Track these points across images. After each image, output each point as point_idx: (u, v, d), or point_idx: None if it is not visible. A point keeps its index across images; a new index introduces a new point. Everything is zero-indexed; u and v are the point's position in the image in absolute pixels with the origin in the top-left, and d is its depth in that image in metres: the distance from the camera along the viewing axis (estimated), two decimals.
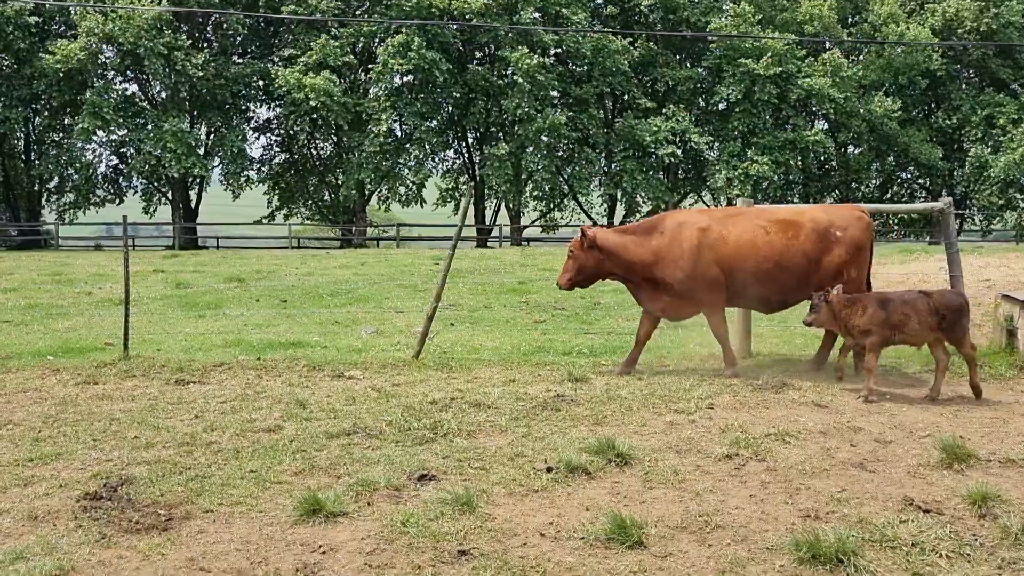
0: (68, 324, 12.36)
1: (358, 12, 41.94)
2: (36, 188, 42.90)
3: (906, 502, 5.18)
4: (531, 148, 41.60)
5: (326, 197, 46.76)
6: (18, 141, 42.49)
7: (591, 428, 6.72)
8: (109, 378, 8.65)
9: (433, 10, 39.06)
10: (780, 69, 41.03)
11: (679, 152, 42.24)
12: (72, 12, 37.74)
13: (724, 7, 45.31)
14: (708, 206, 49.27)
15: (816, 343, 9.43)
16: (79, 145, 39.67)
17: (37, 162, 41.36)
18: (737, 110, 42.31)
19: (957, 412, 7.28)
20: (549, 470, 5.70)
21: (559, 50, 42.39)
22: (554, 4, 40.46)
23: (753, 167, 40.90)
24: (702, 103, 45.53)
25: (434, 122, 43.16)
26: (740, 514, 5.05)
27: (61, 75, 37.27)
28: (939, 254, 23.31)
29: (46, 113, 41.89)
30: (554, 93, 42.25)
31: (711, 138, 43.04)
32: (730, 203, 46.84)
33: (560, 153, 43.36)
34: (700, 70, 44.55)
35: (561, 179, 44.45)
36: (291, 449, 6.18)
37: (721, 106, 44.54)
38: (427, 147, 42.58)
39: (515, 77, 39.39)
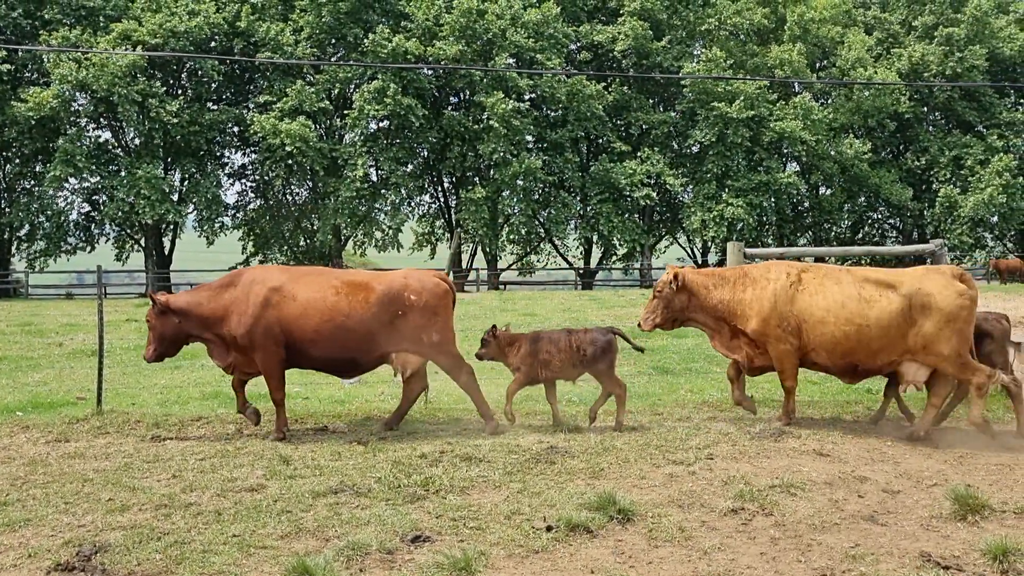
0: (38, 377, 11.95)
1: (334, 58, 42.02)
2: (6, 236, 42.21)
3: (923, 558, 4.98)
4: (507, 192, 41.63)
5: (302, 242, 46.42)
6: None
7: (588, 482, 6.48)
8: (81, 435, 8.29)
9: (409, 56, 39.21)
10: (752, 112, 41.51)
11: (654, 195, 42.41)
12: (45, 59, 37.47)
13: (696, 52, 45.96)
14: (684, 248, 49.60)
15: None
16: (51, 192, 39.16)
17: (8, 210, 40.73)
18: (711, 153, 42.66)
19: (961, 459, 7.12)
20: (549, 529, 5.45)
21: (534, 95, 42.65)
22: (528, 50, 40.78)
23: (728, 209, 41.14)
24: (676, 146, 45.87)
25: (410, 167, 43.12)
26: (752, 574, 4.82)
27: (33, 122, 36.83)
28: None
29: (17, 161, 41.34)
30: (529, 137, 42.42)
31: (686, 180, 43.31)
32: (705, 246, 47.15)
33: (536, 197, 43.41)
34: (674, 114, 44.96)
35: (537, 222, 44.47)
36: (276, 510, 5.88)
37: (695, 149, 44.90)
38: (403, 192, 42.49)
39: (491, 122, 39.51)
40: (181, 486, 6.49)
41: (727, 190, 42.07)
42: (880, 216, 50.19)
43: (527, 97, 42.48)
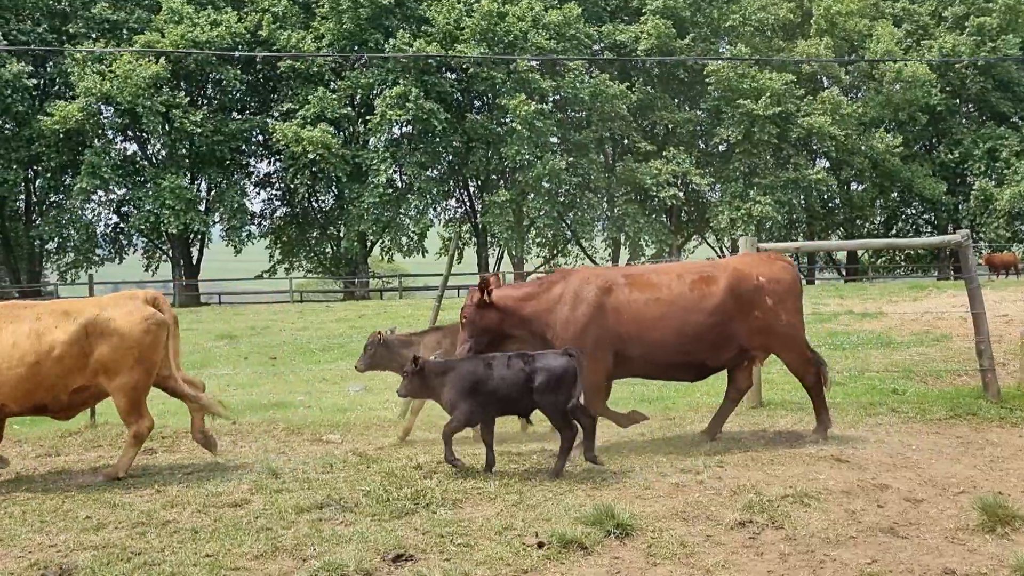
0: None
1: (356, 65, 41.98)
2: (37, 249, 42.62)
3: (947, 574, 4.55)
4: (532, 195, 41.29)
5: (328, 249, 46.42)
6: (18, 203, 42.32)
7: (589, 493, 6.10)
8: (72, 449, 8.08)
9: (431, 61, 39.06)
10: (779, 109, 40.84)
11: (681, 194, 41.94)
12: (70, 73, 37.76)
13: (721, 49, 45.37)
14: (713, 248, 48.97)
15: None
16: (79, 205, 39.50)
17: (38, 222, 41.14)
18: (737, 151, 42.06)
19: (992, 464, 6.65)
20: (540, 545, 5.08)
21: (557, 96, 42.33)
22: (550, 51, 40.47)
23: (756, 207, 40.49)
24: (702, 145, 45.33)
25: (434, 171, 42.97)
26: None
27: (60, 136, 37.19)
28: (951, 290, 22.78)
29: (48, 175, 41.70)
30: (553, 139, 42.11)
31: (712, 180, 42.75)
32: (734, 245, 46.42)
33: (561, 199, 43.07)
34: (699, 112, 44.41)
35: (564, 224, 44.12)
36: (255, 527, 5.57)
37: (721, 147, 44.33)
38: (428, 197, 42.29)
39: (514, 124, 39.24)
40: (162, 502, 6.21)
41: (755, 188, 41.44)
42: (914, 211, 49.22)
43: (550, 99, 42.16)
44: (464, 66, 39.52)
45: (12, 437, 8.60)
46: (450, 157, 43.38)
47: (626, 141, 44.23)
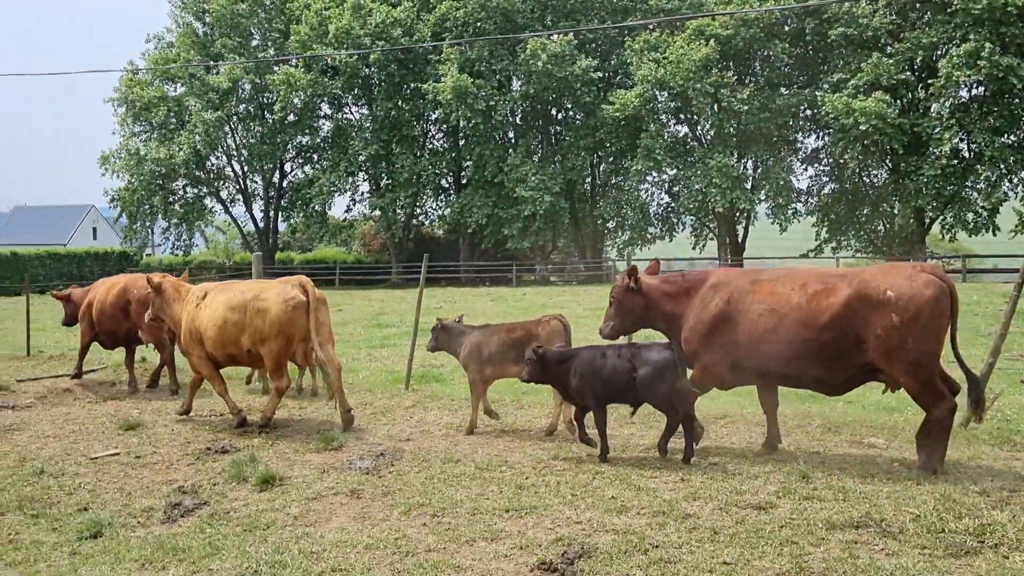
0: None
1: (916, 24, 38.27)
2: (599, 228, 46.93)
3: None
4: None
5: (879, 227, 43.38)
6: (585, 186, 47.02)
7: None
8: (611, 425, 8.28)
9: (1010, 9, 33.85)
10: None
11: None
12: (629, 63, 40.59)
13: None
14: None
15: None
16: (634, 186, 42.43)
17: (600, 203, 45.30)
18: None
19: None
20: None
21: None
22: None
23: None
24: None
25: (1011, 137, 37.38)
26: None
27: (620, 122, 40.28)
28: None
29: (609, 159, 45.67)
30: None
31: None
32: None
33: None
34: None
35: None
36: (779, 538, 4.98)
37: None
38: (1001, 166, 36.99)
39: None
40: (685, 492, 5.95)
41: None
42: None
43: None
44: None
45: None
46: None
47: None
